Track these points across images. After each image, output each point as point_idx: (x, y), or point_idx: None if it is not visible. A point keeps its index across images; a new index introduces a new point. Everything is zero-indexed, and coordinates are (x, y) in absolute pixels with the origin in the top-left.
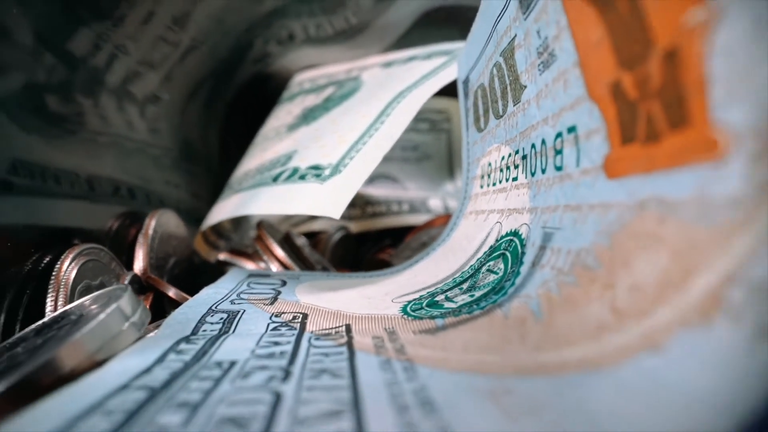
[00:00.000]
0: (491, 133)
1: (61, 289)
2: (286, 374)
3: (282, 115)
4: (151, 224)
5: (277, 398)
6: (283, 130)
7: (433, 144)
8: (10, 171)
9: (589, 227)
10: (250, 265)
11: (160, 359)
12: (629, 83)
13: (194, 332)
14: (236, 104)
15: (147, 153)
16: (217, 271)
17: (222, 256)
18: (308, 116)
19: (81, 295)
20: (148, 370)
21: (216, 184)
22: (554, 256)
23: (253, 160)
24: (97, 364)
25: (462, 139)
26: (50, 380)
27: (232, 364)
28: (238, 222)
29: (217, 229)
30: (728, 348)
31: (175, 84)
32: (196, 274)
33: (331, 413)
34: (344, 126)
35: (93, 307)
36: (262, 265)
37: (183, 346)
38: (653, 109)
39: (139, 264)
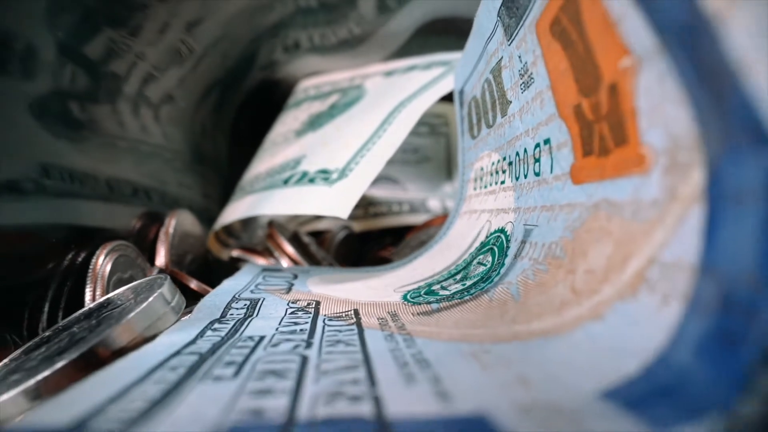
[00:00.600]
0: (483, 141)
1: (99, 281)
2: (308, 344)
3: (289, 120)
4: (171, 223)
5: (304, 359)
6: (291, 136)
7: (432, 147)
8: (42, 174)
9: (558, 224)
10: (261, 261)
11: (200, 335)
12: (587, 107)
13: (223, 315)
14: (244, 109)
15: (161, 156)
16: (230, 267)
17: (235, 253)
18: (315, 123)
19: (115, 287)
20: (192, 342)
21: (225, 185)
22: (532, 248)
23: (263, 163)
24: (146, 341)
25: (458, 144)
26: (108, 353)
27: (262, 337)
28: (247, 222)
29: (227, 228)
30: (646, 313)
31: (187, 90)
32: (211, 270)
33: (348, 367)
34: (349, 133)
35: (135, 294)
36: (272, 261)
37: (216, 326)
38: (603, 129)
39: (161, 259)
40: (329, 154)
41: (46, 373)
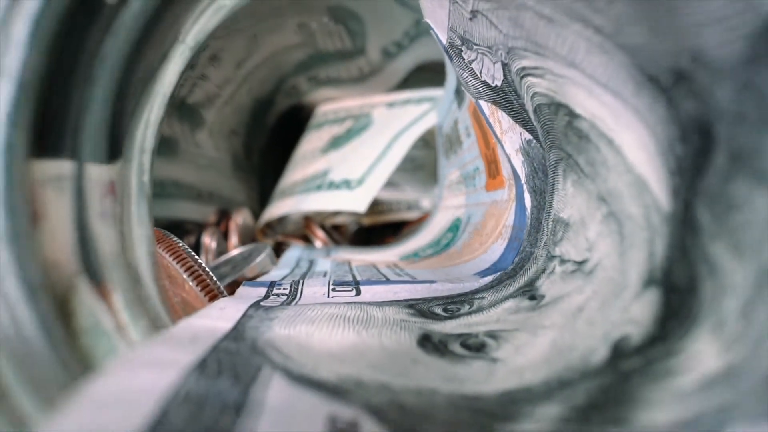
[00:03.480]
0: (452, 162)
1: (210, 253)
2: (351, 273)
3: (313, 139)
4: (239, 216)
5: (354, 277)
6: (318, 153)
7: (426, 157)
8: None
9: (480, 212)
10: (299, 243)
11: (291, 271)
12: (487, 154)
13: (297, 265)
14: (275, 127)
15: (215, 166)
16: (275, 250)
17: (280, 238)
18: (335, 143)
19: (216, 256)
20: (291, 273)
21: (261, 190)
22: (470, 227)
23: (297, 173)
24: (261, 275)
25: (438, 163)
26: (243, 280)
27: (326, 271)
28: (281, 218)
29: (268, 223)
30: (499, 248)
31: (231, 111)
32: None
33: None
34: (362, 153)
35: (242, 255)
36: (307, 244)
37: (295, 270)
38: (492, 166)
39: (234, 241)
40: (349, 168)
41: (228, 280)
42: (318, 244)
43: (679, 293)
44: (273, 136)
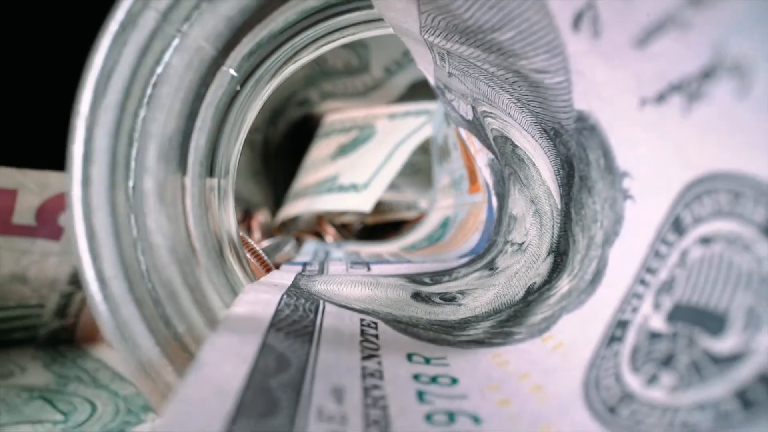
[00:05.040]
0: (443, 169)
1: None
2: (363, 259)
3: (323, 147)
4: (260, 215)
5: (364, 260)
6: (327, 159)
7: (423, 162)
8: None
9: (464, 211)
10: (313, 239)
11: (311, 259)
12: (468, 166)
13: (316, 254)
14: (286, 136)
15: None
16: None
17: (295, 234)
18: (343, 151)
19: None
20: (313, 259)
21: (275, 192)
22: (456, 223)
23: (308, 177)
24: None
25: (432, 169)
26: (275, 264)
27: (341, 258)
28: (294, 218)
29: (283, 221)
30: (477, 238)
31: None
32: None
33: (377, 258)
34: (368, 160)
35: (275, 245)
36: (318, 239)
37: (315, 258)
38: (472, 174)
39: (257, 236)
40: (356, 173)
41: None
42: (329, 239)
43: (560, 256)
44: (285, 143)
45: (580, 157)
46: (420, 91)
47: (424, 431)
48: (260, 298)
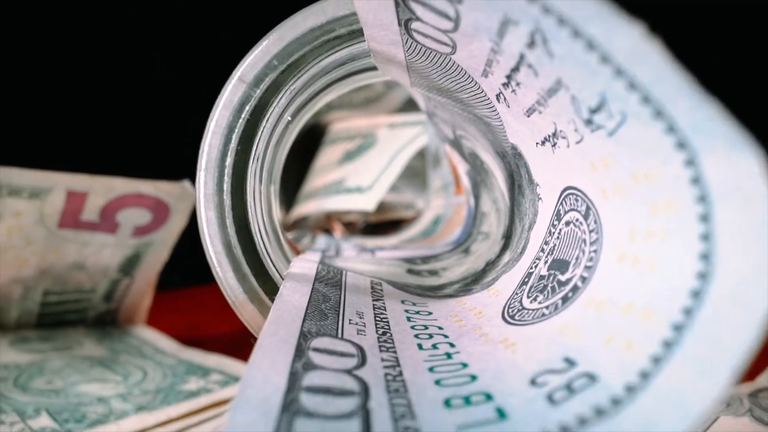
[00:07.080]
0: (437, 173)
1: None
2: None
3: (330, 153)
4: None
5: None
6: (335, 164)
7: (420, 166)
8: None
9: (451, 210)
10: (323, 235)
11: (326, 248)
12: (454, 172)
13: (326, 249)
14: (296, 143)
15: None
16: None
17: (306, 230)
18: (349, 157)
19: None
20: (328, 249)
21: (286, 194)
22: (445, 220)
23: (318, 180)
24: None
25: (427, 174)
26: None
27: (351, 248)
28: (304, 217)
29: (294, 220)
30: (461, 231)
31: None
32: None
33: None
34: (370, 166)
35: (293, 238)
36: (327, 235)
37: (327, 253)
38: (456, 179)
39: None
40: (361, 177)
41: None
42: (337, 234)
43: (508, 239)
44: (294, 150)
45: (517, 172)
46: (415, 104)
47: (410, 334)
48: (305, 265)
